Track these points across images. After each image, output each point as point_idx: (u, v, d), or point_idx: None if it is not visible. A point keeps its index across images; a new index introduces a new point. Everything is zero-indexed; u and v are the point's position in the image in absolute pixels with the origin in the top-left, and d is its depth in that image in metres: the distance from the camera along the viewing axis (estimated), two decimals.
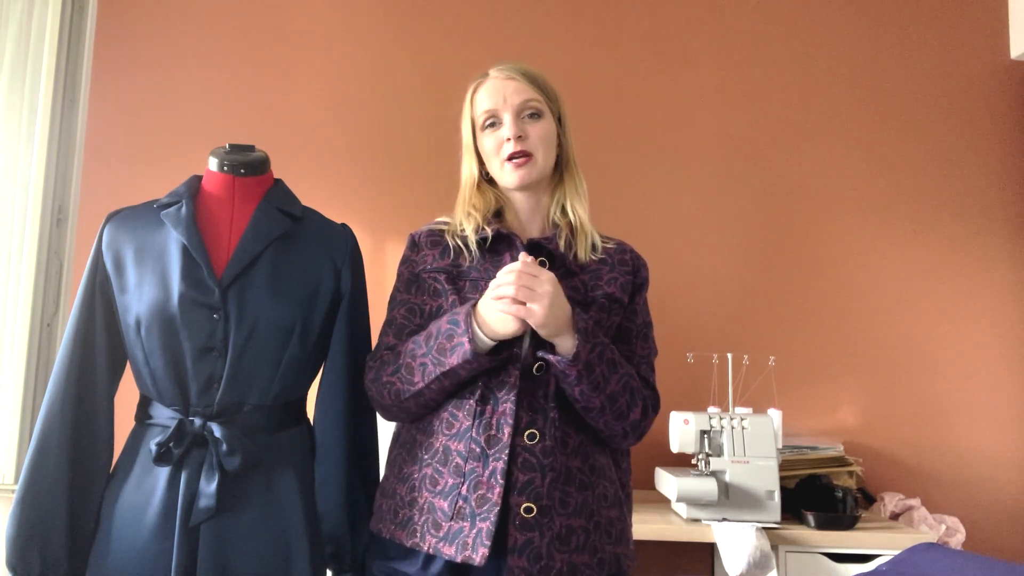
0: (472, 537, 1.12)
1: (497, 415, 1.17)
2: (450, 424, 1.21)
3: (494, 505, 1.13)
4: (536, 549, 1.13)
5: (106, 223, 1.30)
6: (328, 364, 1.33)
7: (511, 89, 1.28)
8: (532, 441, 1.17)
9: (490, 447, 1.16)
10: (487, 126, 1.30)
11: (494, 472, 1.14)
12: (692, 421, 1.99)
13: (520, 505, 1.14)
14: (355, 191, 2.49)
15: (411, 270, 1.31)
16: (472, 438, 1.17)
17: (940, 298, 2.48)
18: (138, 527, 1.19)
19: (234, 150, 1.34)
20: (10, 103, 2.40)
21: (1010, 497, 2.40)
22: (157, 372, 1.22)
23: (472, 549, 1.12)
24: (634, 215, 2.48)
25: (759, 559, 1.79)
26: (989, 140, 2.54)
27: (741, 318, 2.46)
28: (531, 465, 1.16)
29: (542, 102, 1.29)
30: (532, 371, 1.19)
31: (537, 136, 1.27)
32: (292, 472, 1.25)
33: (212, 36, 2.56)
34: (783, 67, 2.57)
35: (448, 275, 1.26)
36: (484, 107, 1.29)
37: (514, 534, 1.13)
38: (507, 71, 1.30)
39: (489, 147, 1.29)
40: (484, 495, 1.14)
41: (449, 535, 1.14)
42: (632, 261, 1.34)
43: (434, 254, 1.29)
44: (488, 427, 1.17)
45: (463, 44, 2.57)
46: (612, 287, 1.28)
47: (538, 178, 1.29)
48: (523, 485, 1.15)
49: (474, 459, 1.16)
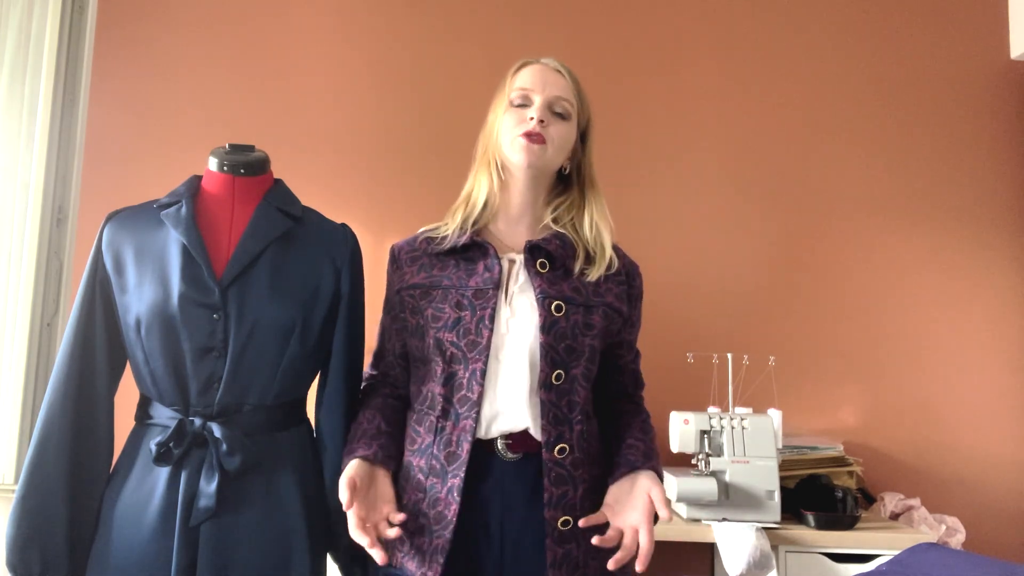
0: (428, 553, 1.13)
1: (458, 431, 1.17)
2: (412, 439, 1.22)
3: (449, 522, 1.13)
4: (574, 560, 1.15)
5: (106, 223, 1.30)
6: (328, 365, 1.33)
7: (552, 80, 1.28)
8: (562, 455, 1.17)
9: (449, 463, 1.16)
10: (517, 103, 1.28)
11: (451, 489, 1.14)
12: (692, 421, 1.99)
13: (557, 519, 1.14)
14: (355, 191, 2.49)
15: (391, 290, 1.33)
16: (433, 454, 1.18)
17: (940, 298, 2.48)
18: (138, 527, 1.19)
19: (234, 150, 1.34)
20: (10, 103, 2.40)
21: (1010, 497, 2.40)
22: (157, 372, 1.22)
23: (428, 565, 1.13)
24: (634, 215, 2.48)
25: (759, 559, 1.79)
26: (989, 140, 2.53)
27: (741, 318, 2.46)
28: (563, 479, 1.16)
29: (573, 106, 1.29)
30: (552, 380, 1.19)
31: (556, 132, 1.27)
32: (292, 472, 1.25)
33: (212, 36, 2.56)
34: (783, 67, 2.57)
35: (423, 289, 1.25)
36: (522, 84, 1.29)
37: (553, 548, 1.14)
38: (555, 64, 1.31)
39: (509, 122, 1.27)
40: (441, 512, 1.14)
41: (411, 550, 1.16)
42: (625, 269, 1.32)
43: (412, 270, 1.29)
44: (448, 443, 1.17)
45: (463, 44, 2.57)
46: (610, 296, 1.27)
47: (542, 167, 1.27)
48: (557, 499, 1.15)
49: (434, 475, 1.17)
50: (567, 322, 1.19)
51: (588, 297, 1.24)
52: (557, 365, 1.18)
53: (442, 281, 1.24)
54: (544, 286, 1.21)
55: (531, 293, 1.21)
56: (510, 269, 1.25)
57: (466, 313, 1.19)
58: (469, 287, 1.22)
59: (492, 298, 1.20)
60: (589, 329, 1.21)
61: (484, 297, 1.20)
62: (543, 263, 1.24)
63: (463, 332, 1.18)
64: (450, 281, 1.24)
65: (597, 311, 1.23)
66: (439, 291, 1.23)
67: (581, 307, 1.22)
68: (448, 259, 1.27)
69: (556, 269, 1.25)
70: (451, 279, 1.24)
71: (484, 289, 1.21)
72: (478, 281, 1.22)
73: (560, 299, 1.20)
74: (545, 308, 1.19)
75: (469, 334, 1.18)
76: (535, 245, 1.25)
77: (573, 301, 1.21)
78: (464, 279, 1.23)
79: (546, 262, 1.24)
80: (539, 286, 1.21)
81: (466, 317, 1.19)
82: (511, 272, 1.24)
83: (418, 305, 1.25)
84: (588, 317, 1.22)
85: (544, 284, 1.21)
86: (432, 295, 1.24)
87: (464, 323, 1.19)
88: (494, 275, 1.22)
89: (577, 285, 1.24)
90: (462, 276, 1.24)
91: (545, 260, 1.24)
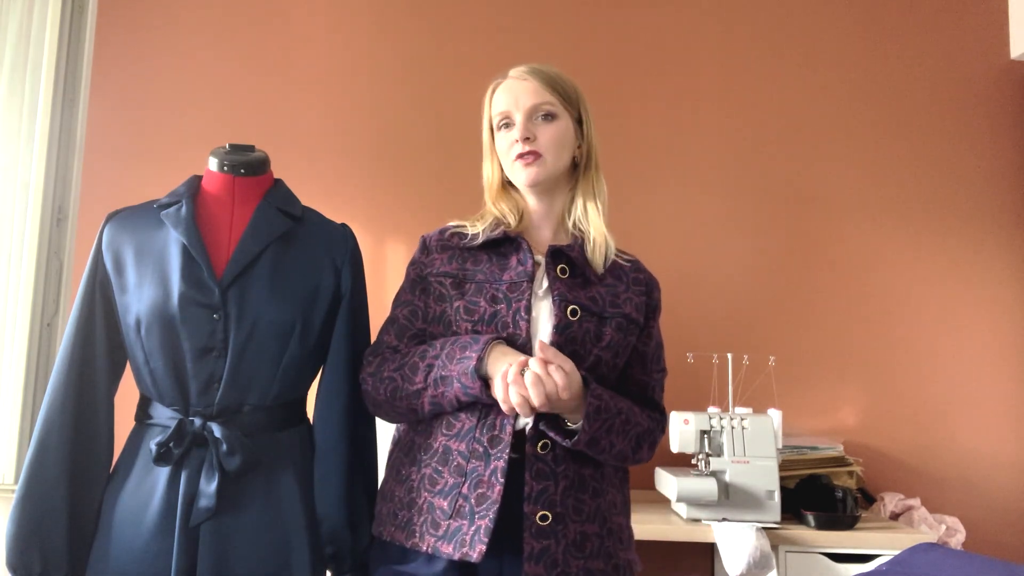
0: (470, 535, 1.13)
1: (501, 416, 1.17)
2: (450, 425, 1.21)
3: (493, 503, 1.13)
4: (552, 556, 1.14)
5: (106, 223, 1.30)
6: (328, 364, 1.32)
7: (524, 90, 1.28)
8: (545, 451, 1.17)
9: (492, 447, 1.16)
10: (501, 127, 1.30)
11: (495, 471, 1.15)
12: (692, 421, 1.99)
13: (535, 513, 1.14)
14: (355, 191, 2.49)
15: (418, 272, 1.31)
16: (475, 438, 1.18)
17: (940, 298, 2.48)
18: (138, 527, 1.19)
19: (234, 150, 1.34)
20: (10, 103, 2.40)
21: (1010, 497, 2.40)
22: (157, 372, 1.22)
23: (470, 546, 1.12)
24: (634, 215, 2.48)
25: (759, 559, 1.79)
26: (988, 141, 2.53)
27: (741, 318, 2.46)
28: (545, 474, 1.17)
29: (556, 104, 1.29)
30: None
31: (547, 138, 1.27)
32: (292, 472, 1.25)
33: (212, 36, 2.56)
34: (783, 69, 2.57)
35: (454, 279, 1.26)
36: (499, 108, 1.30)
37: (530, 542, 1.13)
38: (523, 72, 1.30)
39: (502, 148, 1.30)
40: (484, 493, 1.14)
41: (448, 533, 1.15)
42: (646, 281, 1.33)
43: (443, 258, 1.29)
44: (492, 427, 1.17)
45: (463, 44, 2.57)
46: (628, 307, 1.27)
47: (547, 178, 1.28)
48: (538, 494, 1.15)
49: (476, 458, 1.17)
50: (579, 328, 1.20)
51: (604, 308, 1.24)
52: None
53: (476, 275, 1.25)
54: (563, 290, 1.22)
55: (550, 297, 1.22)
56: (536, 269, 1.25)
57: (501, 306, 1.21)
58: (503, 280, 1.23)
59: (526, 290, 1.21)
60: (599, 340, 1.22)
61: (519, 290, 1.22)
62: (563, 269, 1.25)
63: (501, 326, 1.20)
64: (484, 276, 1.25)
65: (610, 323, 1.24)
66: (472, 284, 1.24)
67: (595, 316, 1.22)
68: (480, 254, 1.28)
69: (576, 276, 1.25)
70: (484, 273, 1.25)
71: (518, 282, 1.22)
72: (511, 275, 1.23)
73: (576, 304, 1.22)
74: (562, 310, 1.20)
75: (507, 328, 1.19)
76: (558, 250, 1.26)
77: (588, 309, 1.22)
78: (497, 273, 1.24)
79: (566, 268, 1.25)
80: (558, 290, 1.22)
81: (502, 310, 1.20)
82: (536, 273, 1.25)
83: (447, 294, 1.25)
84: (600, 328, 1.23)
85: (563, 288, 1.22)
86: (465, 288, 1.24)
87: (501, 316, 1.20)
88: (527, 268, 1.23)
89: (595, 295, 1.25)
90: (495, 271, 1.25)
91: (565, 266, 1.25)
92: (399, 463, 1.27)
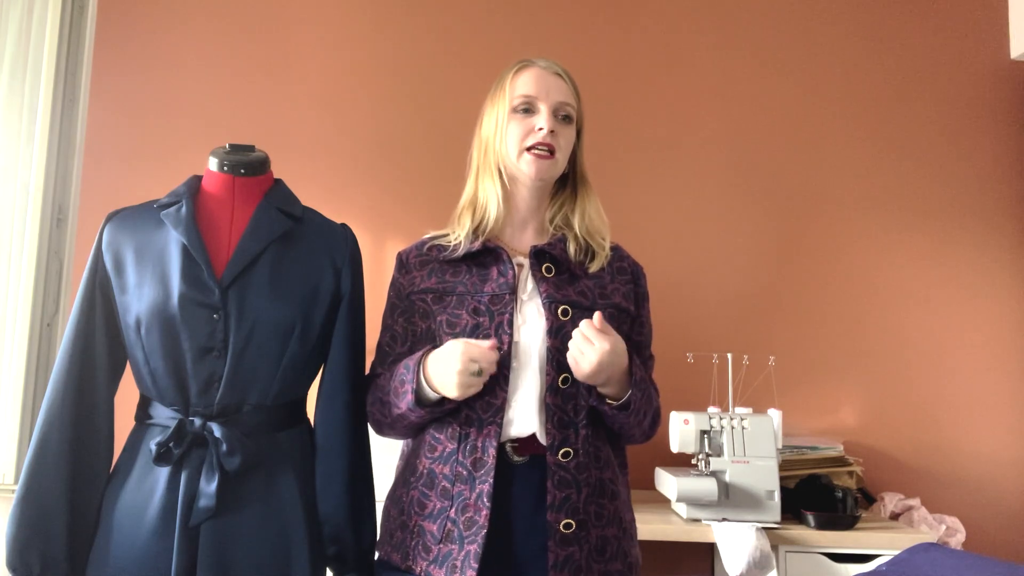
0: (460, 560, 1.13)
1: (482, 437, 1.17)
2: (432, 447, 1.22)
3: (481, 528, 1.13)
4: (576, 563, 1.15)
5: (106, 223, 1.30)
6: (328, 364, 1.32)
7: (555, 85, 1.28)
8: (567, 459, 1.17)
9: (476, 470, 1.16)
10: (521, 110, 1.27)
11: (481, 495, 1.14)
12: (692, 421, 1.99)
13: (559, 522, 1.14)
14: (355, 191, 2.49)
15: (399, 293, 1.32)
16: (458, 461, 1.17)
17: (940, 298, 2.48)
18: (138, 527, 1.18)
19: (234, 150, 1.33)
20: (10, 103, 2.40)
21: (1010, 497, 2.40)
22: (157, 372, 1.22)
23: (461, 572, 1.12)
24: (634, 215, 2.48)
25: (759, 559, 1.79)
26: (989, 141, 2.54)
27: (741, 318, 2.46)
28: (567, 482, 1.16)
29: (575, 109, 1.30)
30: (558, 384, 1.19)
31: (564, 139, 1.28)
32: (292, 472, 1.25)
33: (212, 36, 2.56)
34: (783, 67, 2.57)
35: (435, 294, 1.26)
36: (525, 90, 1.27)
37: (555, 550, 1.14)
38: (554, 67, 1.30)
39: (515, 132, 1.27)
40: (472, 517, 1.14)
41: (439, 558, 1.15)
42: (631, 269, 1.33)
43: (422, 274, 1.29)
44: (474, 450, 1.17)
45: (462, 44, 2.57)
46: (617, 297, 1.27)
47: (551, 177, 1.29)
48: (560, 502, 1.15)
49: (461, 482, 1.16)
50: (573, 326, 1.19)
51: (595, 300, 1.24)
52: (563, 369, 1.18)
53: (456, 287, 1.24)
54: (550, 291, 1.22)
55: (538, 299, 1.22)
56: (519, 274, 1.25)
57: (484, 319, 1.20)
58: (484, 293, 1.22)
59: (509, 303, 1.21)
60: None
61: (501, 302, 1.21)
62: (548, 268, 1.24)
63: (483, 339, 1.18)
64: (464, 287, 1.24)
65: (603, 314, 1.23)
66: (453, 297, 1.24)
67: (587, 311, 1.21)
68: (460, 265, 1.27)
69: (562, 273, 1.25)
70: (465, 285, 1.24)
71: (500, 295, 1.22)
72: (493, 287, 1.23)
73: (566, 303, 1.21)
74: (552, 312, 1.20)
75: None
76: (540, 250, 1.25)
77: (579, 305, 1.22)
78: (479, 285, 1.23)
79: (551, 266, 1.25)
80: (545, 291, 1.21)
81: (484, 323, 1.20)
82: (520, 277, 1.25)
83: (430, 310, 1.25)
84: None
85: (550, 289, 1.22)
86: (446, 301, 1.24)
87: (483, 329, 1.19)
88: (508, 280, 1.22)
89: (583, 288, 1.25)
90: (476, 282, 1.24)
91: (551, 265, 1.25)
92: (397, 482, 1.29)
